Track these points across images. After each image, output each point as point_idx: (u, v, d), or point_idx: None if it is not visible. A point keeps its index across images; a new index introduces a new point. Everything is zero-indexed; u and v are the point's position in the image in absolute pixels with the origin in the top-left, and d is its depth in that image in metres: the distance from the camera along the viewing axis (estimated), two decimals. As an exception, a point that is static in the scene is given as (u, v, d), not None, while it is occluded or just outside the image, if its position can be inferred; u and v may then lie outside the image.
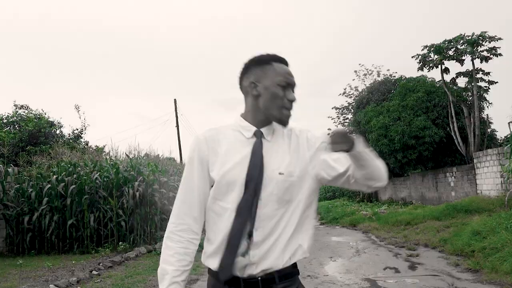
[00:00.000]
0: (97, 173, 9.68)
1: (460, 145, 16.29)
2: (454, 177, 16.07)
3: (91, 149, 16.97)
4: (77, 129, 18.16)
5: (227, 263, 1.40)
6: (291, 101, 1.51)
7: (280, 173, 1.46)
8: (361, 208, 18.13)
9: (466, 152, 16.32)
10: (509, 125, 10.30)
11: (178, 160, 23.27)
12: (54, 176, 9.43)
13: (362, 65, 32.60)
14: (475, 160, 14.35)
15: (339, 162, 1.50)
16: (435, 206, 14.09)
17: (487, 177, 13.41)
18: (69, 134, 17.94)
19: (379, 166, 1.49)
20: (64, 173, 9.66)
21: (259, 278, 1.42)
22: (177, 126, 26.89)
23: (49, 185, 9.31)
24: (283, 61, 1.58)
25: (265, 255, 1.42)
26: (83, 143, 17.86)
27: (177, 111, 27.07)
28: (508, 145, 9.86)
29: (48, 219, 9.17)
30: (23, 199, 9.50)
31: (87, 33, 59.07)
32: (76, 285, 6.06)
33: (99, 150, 17.24)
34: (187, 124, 63.10)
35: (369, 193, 24.44)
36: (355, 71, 31.29)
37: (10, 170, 9.69)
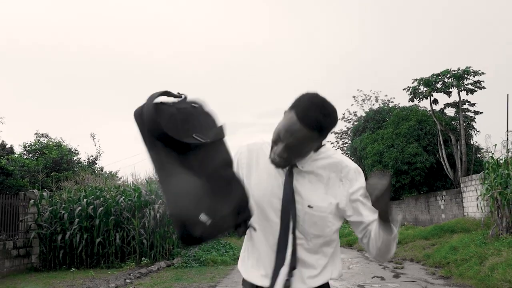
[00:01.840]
0: (121, 196, 10.97)
1: (448, 171, 17.56)
2: (444, 200, 17.27)
3: (105, 174, 18.28)
4: (92, 156, 19.51)
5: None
6: (279, 156, 1.41)
7: (309, 206, 1.43)
8: (358, 230, 19.28)
9: (454, 177, 17.57)
10: (482, 154, 11.60)
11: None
12: (85, 200, 10.71)
13: (361, 90, 33.05)
14: (461, 185, 15.60)
15: (369, 210, 1.46)
16: (425, 227, 15.28)
17: (472, 200, 14.60)
18: (85, 160, 19.27)
19: (392, 251, 1.46)
20: (92, 196, 10.95)
21: None
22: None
23: (80, 207, 10.57)
24: (300, 114, 1.35)
25: (300, 284, 1.45)
26: (98, 169, 19.16)
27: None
28: (481, 172, 11.15)
29: (79, 238, 10.40)
30: (56, 219, 10.74)
31: (92, 59, 60.98)
32: (114, 290, 7.27)
33: (113, 175, 18.55)
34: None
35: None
36: (354, 97, 32.13)
37: (44, 194, 10.98)
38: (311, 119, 1.35)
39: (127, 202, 10.93)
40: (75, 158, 18.48)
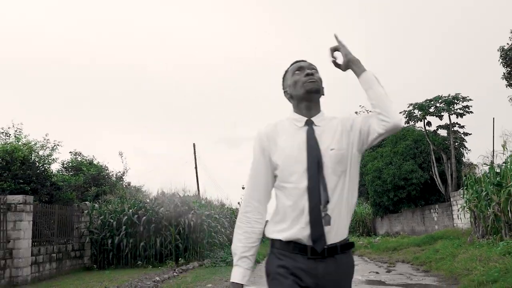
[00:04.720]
0: (161, 207, 13.08)
1: (440, 186, 19.58)
2: (437, 213, 19.25)
3: (133, 188, 20.40)
4: (120, 172, 21.66)
5: (318, 235, 1.61)
6: (307, 74, 1.80)
7: (331, 149, 1.70)
8: (359, 240, 21.26)
9: (445, 192, 19.59)
10: (463, 175, 13.64)
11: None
12: (130, 210, 12.82)
13: (363, 106, 34.22)
14: (451, 199, 17.58)
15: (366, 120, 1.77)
16: (418, 236, 17.27)
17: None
18: (114, 176, 21.39)
19: (382, 93, 1.73)
20: (135, 207, 13.06)
21: (326, 248, 1.63)
22: (196, 167, 30.30)
23: (126, 216, 12.68)
24: (297, 61, 1.89)
25: (334, 226, 1.64)
26: (126, 183, 21.28)
27: (196, 154, 30.55)
28: (461, 188, 13.21)
29: (125, 242, 12.47)
30: (105, 227, 12.83)
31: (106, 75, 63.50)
32: (167, 279, 9.32)
33: (138, 190, 20.65)
34: (201, 162, 66.14)
35: (368, 228, 27.58)
36: (356, 112, 33.55)
37: (96, 205, 13.09)
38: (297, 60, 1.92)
39: (165, 213, 13.02)
40: (106, 174, 20.60)
